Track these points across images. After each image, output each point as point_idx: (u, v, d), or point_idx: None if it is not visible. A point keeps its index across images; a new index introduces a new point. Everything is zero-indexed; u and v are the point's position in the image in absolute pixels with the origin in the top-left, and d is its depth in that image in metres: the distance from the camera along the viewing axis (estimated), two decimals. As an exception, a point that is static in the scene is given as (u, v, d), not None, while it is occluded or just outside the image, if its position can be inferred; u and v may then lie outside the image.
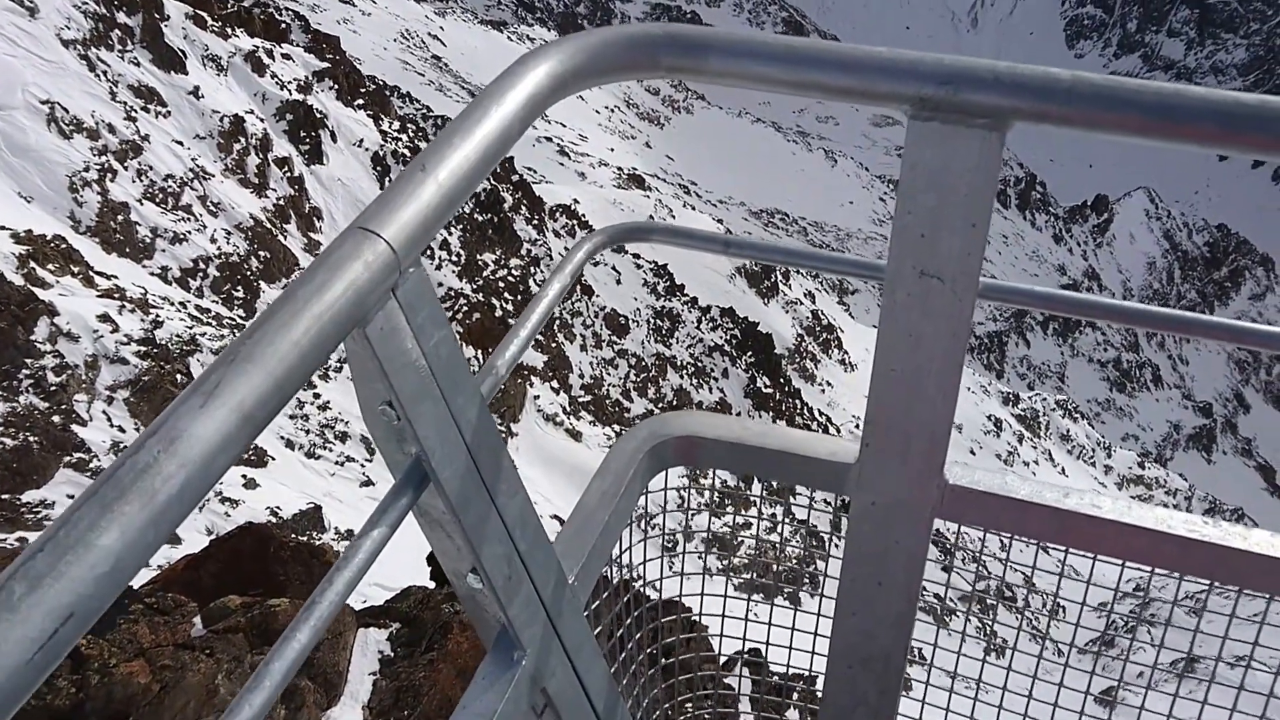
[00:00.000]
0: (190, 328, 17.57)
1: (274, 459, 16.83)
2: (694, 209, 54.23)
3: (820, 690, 2.06)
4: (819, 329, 47.07)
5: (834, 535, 2.12)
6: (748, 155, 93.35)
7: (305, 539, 11.89)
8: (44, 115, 20.72)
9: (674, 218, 47.18)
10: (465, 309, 28.25)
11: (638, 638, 2.15)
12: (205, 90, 25.29)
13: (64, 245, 17.61)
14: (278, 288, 24.53)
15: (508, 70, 1.21)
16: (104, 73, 22.85)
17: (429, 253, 27.48)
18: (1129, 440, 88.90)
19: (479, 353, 26.21)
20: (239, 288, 23.31)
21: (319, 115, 28.42)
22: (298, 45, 31.99)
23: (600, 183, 56.26)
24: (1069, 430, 58.28)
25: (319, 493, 16.49)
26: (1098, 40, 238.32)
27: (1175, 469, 72.72)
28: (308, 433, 18.66)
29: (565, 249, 36.75)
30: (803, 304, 47.12)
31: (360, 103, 31.22)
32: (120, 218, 21.30)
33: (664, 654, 2.30)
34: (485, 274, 30.88)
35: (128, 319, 16.17)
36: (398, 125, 32.32)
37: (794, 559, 2.39)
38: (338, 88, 30.45)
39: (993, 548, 2.40)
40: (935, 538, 1.87)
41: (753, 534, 2.26)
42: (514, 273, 32.11)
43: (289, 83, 28.11)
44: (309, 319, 0.88)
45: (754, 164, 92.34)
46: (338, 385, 19.92)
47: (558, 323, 33.19)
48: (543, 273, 34.12)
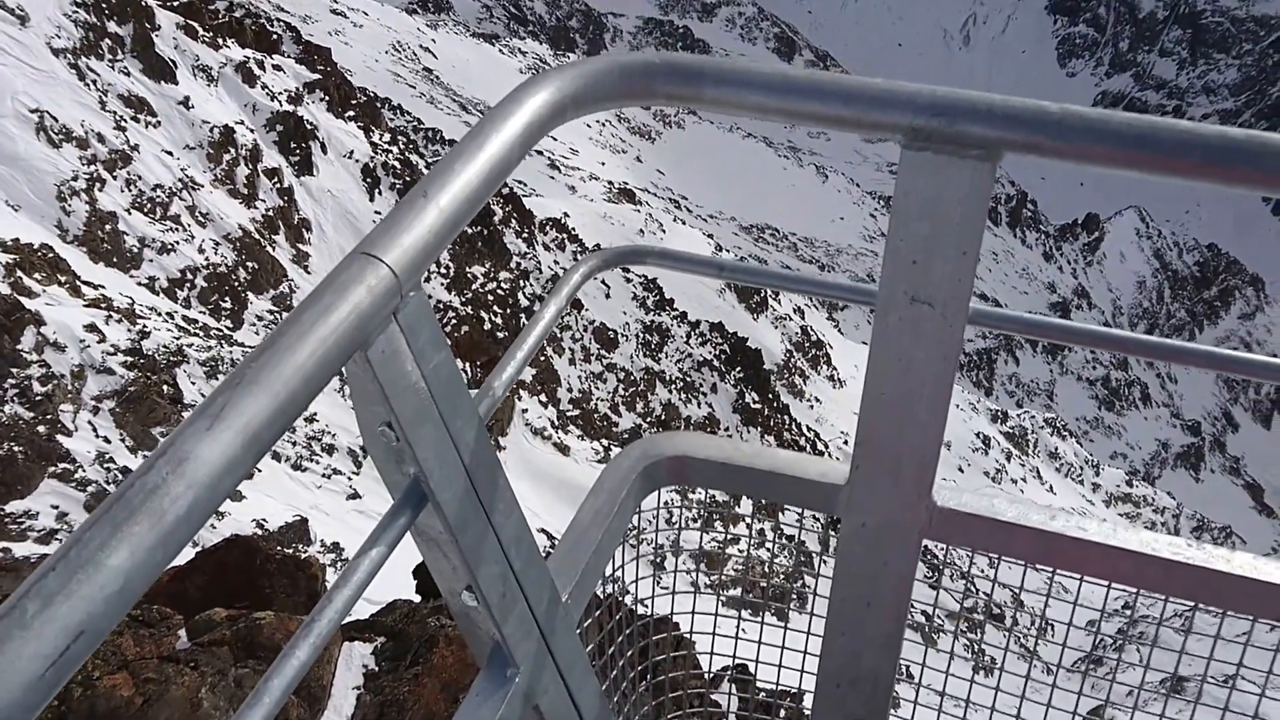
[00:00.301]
0: (177, 338, 17.52)
1: (260, 471, 16.78)
2: (684, 224, 54.32)
3: (809, 709, 2.06)
4: (808, 345, 47.16)
5: (823, 553, 2.14)
6: (739, 170, 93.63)
7: (291, 551, 11.84)
8: (33, 124, 20.67)
9: (664, 232, 47.26)
10: (454, 322, 28.24)
11: (629, 655, 2.16)
12: (195, 100, 25.27)
13: (51, 254, 17.55)
14: (265, 299, 24.49)
15: (508, 97, 1.23)
16: (94, 82, 22.82)
17: (418, 265, 27.55)
18: (1117, 458, 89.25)
19: (467, 365, 26.19)
20: (226, 298, 23.26)
21: (309, 126, 28.41)
22: (289, 56, 32.00)
23: (591, 197, 56.35)
24: (1057, 448, 58.45)
25: (305, 505, 16.43)
26: (1089, 59, 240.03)
27: (1163, 487, 73.00)
28: (294, 445, 18.60)
29: (555, 262, 36.67)
30: (792, 320, 47.21)
31: (351, 114, 31.23)
32: (108, 227, 21.25)
33: (653, 671, 2.31)
34: (474, 287, 30.86)
35: (114, 329, 16.11)
36: (388, 137, 32.33)
37: (783, 574, 2.41)
38: (329, 99, 30.46)
39: (981, 563, 2.41)
40: (923, 554, 1.88)
41: (743, 550, 2.27)
42: (503, 286, 32.10)
43: (280, 94, 28.10)
44: (314, 342, 0.89)
45: (745, 179, 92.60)
46: (324, 398, 19.88)
47: (547, 337, 33.16)
48: (532, 286, 34.13)
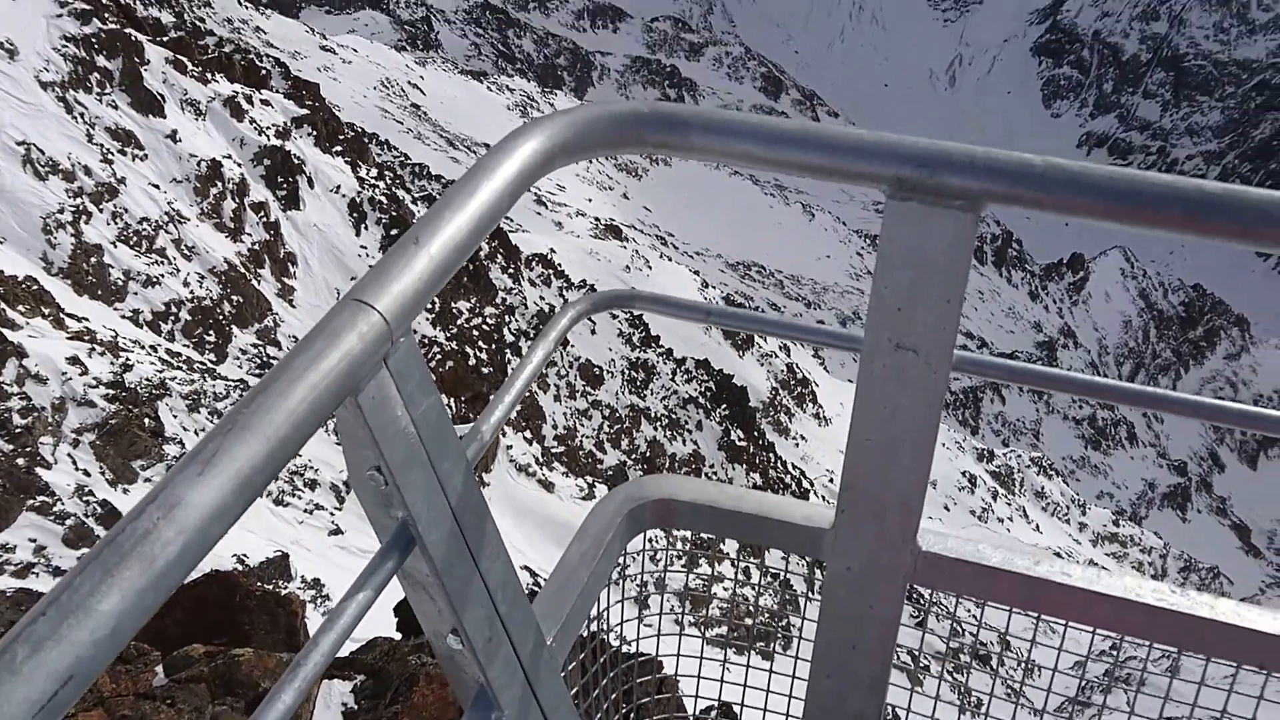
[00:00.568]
0: (160, 371, 17.44)
1: (242, 505, 16.64)
2: (671, 260, 54.51)
3: None
4: (794, 382, 47.23)
5: (809, 594, 2.13)
6: (725, 207, 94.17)
7: (271, 587, 11.73)
8: (19, 157, 20.66)
9: (650, 269, 47.39)
10: (439, 357, 28.20)
11: (613, 697, 2.15)
12: (183, 134, 25.32)
13: (35, 287, 17.48)
14: (250, 332, 24.42)
15: (499, 145, 1.24)
16: (82, 115, 22.85)
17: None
18: (1104, 498, 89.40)
19: (451, 401, 26.13)
20: (210, 331, 23.19)
21: (297, 161, 28.47)
22: (277, 91, 32.11)
23: (577, 233, 56.54)
24: (1044, 487, 58.53)
25: (286, 540, 16.31)
26: (1074, 100, 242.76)
27: (1150, 527, 73.13)
28: (277, 480, 18.48)
29: (541, 298, 36.74)
30: (777, 357, 47.31)
31: (338, 149, 31.32)
32: (93, 260, 21.20)
33: (638, 713, 2.29)
34: (460, 322, 30.86)
35: (97, 362, 16.03)
36: (375, 172, 32.41)
37: (768, 614, 2.40)
38: (316, 134, 30.55)
39: (967, 604, 2.41)
40: (909, 593, 1.88)
41: (728, 590, 2.26)
42: (488, 321, 32.10)
43: (267, 128, 28.18)
44: (305, 388, 0.89)
45: (731, 216, 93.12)
46: (309, 431, 19.76)
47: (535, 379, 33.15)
48: (518, 322, 34.14)
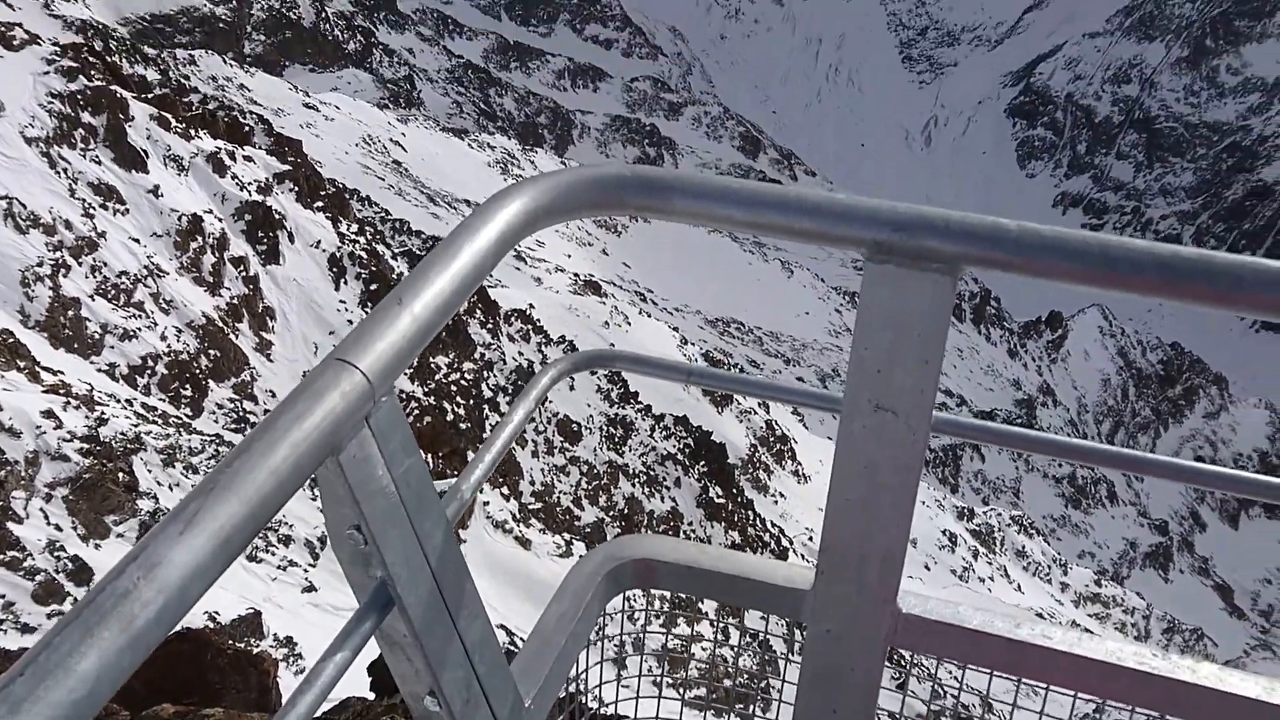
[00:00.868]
0: (135, 425, 17.31)
1: (216, 562, 16.45)
2: (650, 316, 54.68)
3: None
4: (773, 439, 47.22)
5: (788, 655, 2.13)
6: (704, 264, 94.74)
7: (244, 645, 11.57)
8: (0, 210, 20.63)
9: (630, 325, 47.53)
10: (417, 412, 28.10)
11: None
12: (165, 189, 25.36)
13: (11, 339, 17.38)
14: (226, 386, 24.30)
15: (482, 206, 1.26)
16: (65, 170, 22.88)
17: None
18: (1085, 557, 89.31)
19: (429, 457, 25.99)
20: (187, 386, 23.06)
21: (277, 216, 28.53)
22: (260, 148, 32.26)
23: (556, 288, 56.73)
24: (1025, 546, 58.48)
25: (259, 597, 16.10)
26: (1049, 161, 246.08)
27: (1132, 587, 73.03)
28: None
29: (520, 354, 36.65)
30: (756, 414, 47.35)
31: (319, 205, 31.42)
32: (71, 313, 21.11)
33: None
34: (438, 377, 30.80)
35: (72, 415, 15.90)
36: (355, 228, 32.50)
37: (747, 674, 2.38)
38: (298, 190, 30.65)
39: (949, 666, 2.40)
40: (890, 655, 1.88)
41: (707, 650, 2.25)
42: (467, 377, 32.05)
43: (249, 184, 28.26)
44: (287, 447, 0.90)
45: (710, 273, 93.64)
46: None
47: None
48: (496, 377, 34.10)
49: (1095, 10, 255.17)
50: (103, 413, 16.80)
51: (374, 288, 29.71)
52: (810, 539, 40.69)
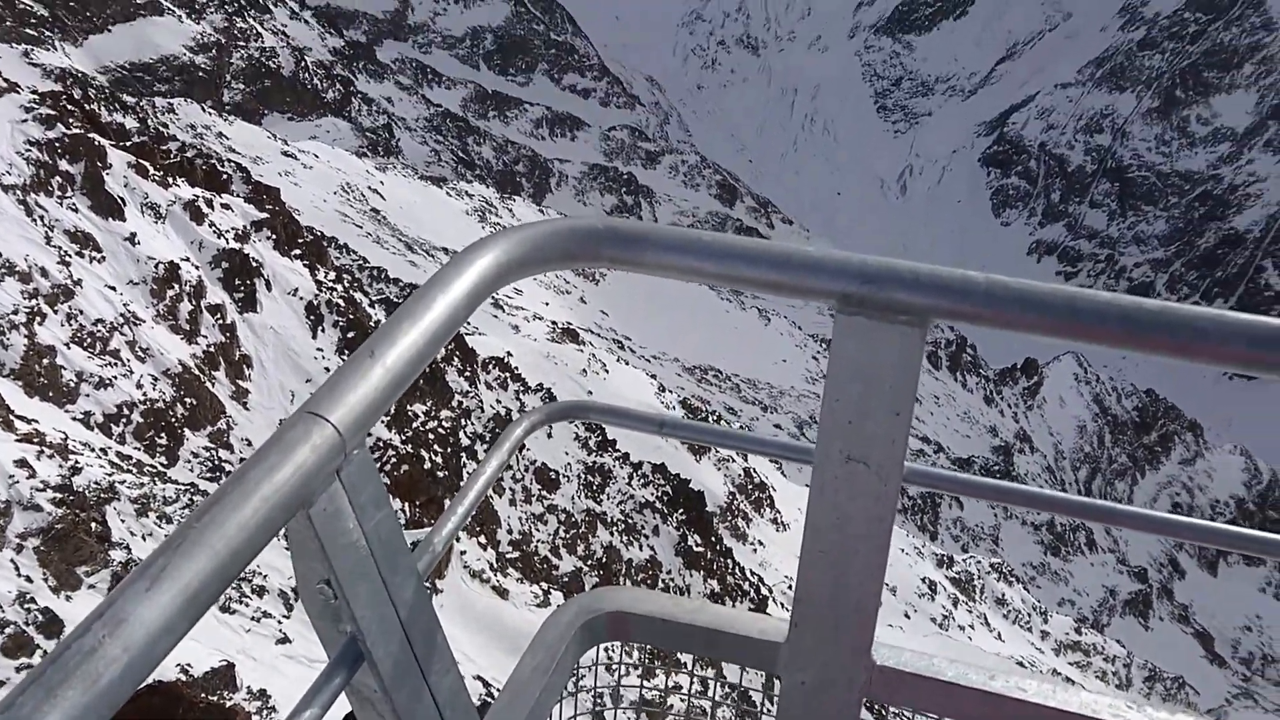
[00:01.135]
0: (109, 474, 17.14)
1: (189, 613, 16.22)
2: (628, 364, 54.67)
3: None
4: (751, 487, 47.14)
5: (764, 708, 2.12)
6: (681, 312, 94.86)
7: (216, 699, 11.40)
8: (-26, 257, 20.54)
9: (607, 372, 47.50)
10: (394, 461, 27.94)
11: None
12: (142, 237, 25.31)
13: (-17, 388, 17.23)
14: (202, 435, 24.11)
15: (455, 259, 1.28)
16: (41, 217, 22.81)
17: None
18: (1065, 605, 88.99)
19: (406, 505, 25.83)
20: (162, 434, 22.87)
21: (255, 264, 28.49)
22: (238, 195, 32.26)
23: (534, 336, 56.68)
24: (1004, 594, 58.28)
25: (233, 650, 15.89)
26: (1023, 209, 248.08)
27: (1113, 635, 72.80)
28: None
29: (498, 401, 36.47)
30: (735, 461, 47.28)
31: (297, 253, 31.39)
32: (46, 361, 20.95)
33: None
34: (415, 425, 30.65)
35: (45, 465, 15.75)
36: (333, 275, 32.47)
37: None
38: (275, 238, 30.64)
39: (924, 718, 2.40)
40: (866, 708, 1.88)
41: (684, 702, 2.24)
42: (444, 425, 31.91)
43: (227, 231, 28.24)
44: (257, 501, 0.89)
45: (688, 321, 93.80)
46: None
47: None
48: (474, 425, 33.97)
49: (1066, 61, 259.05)
50: (76, 462, 16.65)
51: (351, 335, 29.65)
52: (789, 588, 40.50)
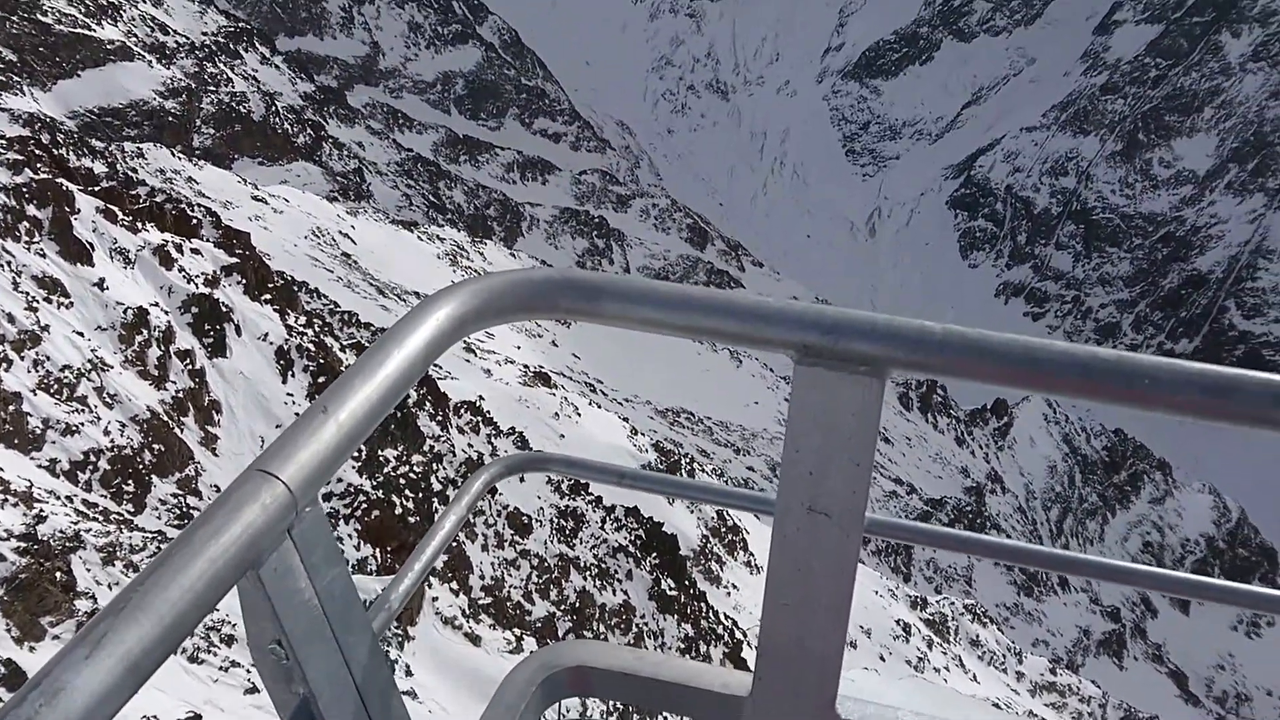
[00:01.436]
0: (75, 523, 16.89)
1: (155, 664, 15.95)
2: (600, 407, 54.66)
3: None
4: (724, 530, 47.03)
5: None
6: (653, 355, 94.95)
7: (183, 752, 11.19)
8: (-62, 303, 20.33)
9: (580, 415, 47.39)
10: (365, 506, 27.70)
11: None
12: (111, 282, 25.14)
13: (-53, 436, 16.99)
14: (170, 482, 23.84)
15: (411, 312, 1.26)
16: (8, 263, 22.63)
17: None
18: (1040, 645, 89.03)
19: (377, 551, 25.59)
20: (129, 481, 22.60)
21: (225, 309, 28.35)
22: (208, 240, 32.14)
23: (506, 380, 56.54)
24: (979, 635, 58.24)
25: (199, 700, 15.62)
26: (990, 251, 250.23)
27: (1087, 675, 72.78)
28: (192, 635, 17.81)
29: (469, 445, 36.30)
30: (708, 504, 47.18)
31: (268, 297, 31.26)
32: (11, 408, 20.69)
33: None
34: (386, 470, 30.43)
35: (9, 513, 15.51)
36: (304, 320, 32.35)
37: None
38: (245, 282, 30.52)
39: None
40: None
41: None
42: (416, 470, 31.70)
43: (196, 276, 28.11)
44: (204, 563, 0.87)
45: (660, 363, 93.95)
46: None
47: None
48: (445, 470, 33.75)
49: (1031, 106, 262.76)
50: (41, 510, 16.41)
51: (322, 380, 29.49)
52: (763, 630, 40.25)
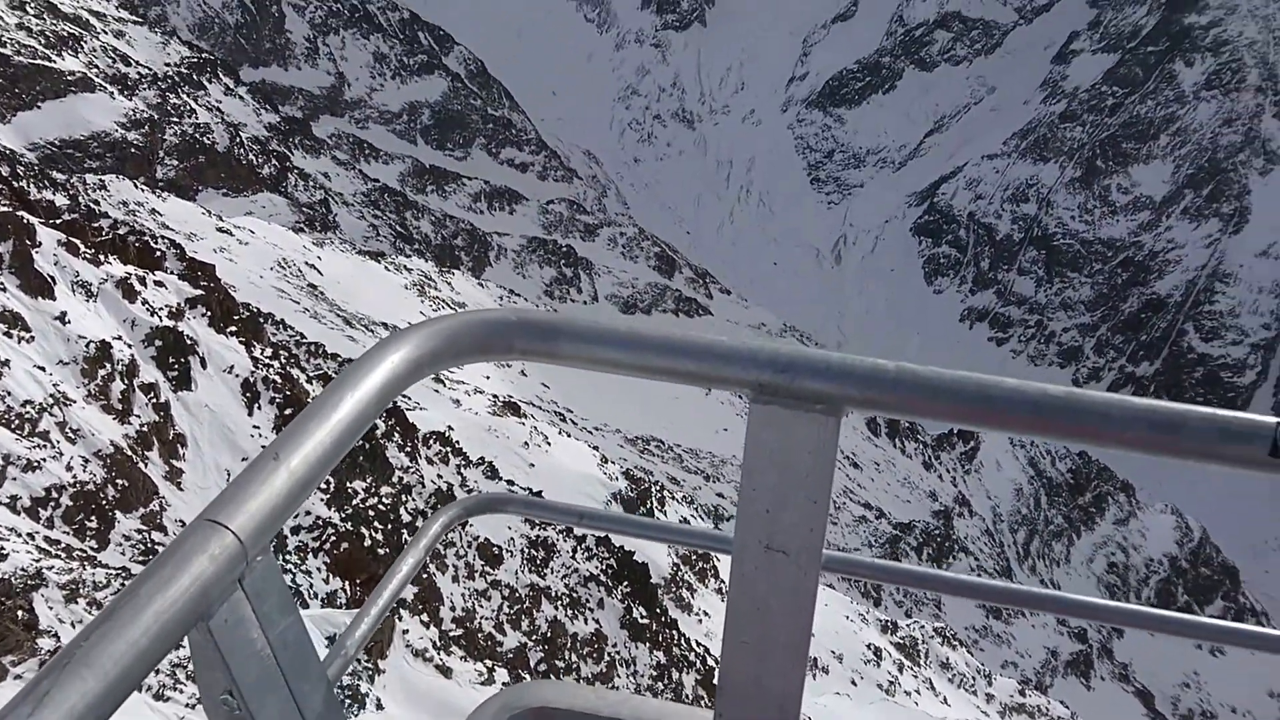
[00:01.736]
0: (37, 560, 16.63)
1: (119, 702, 15.67)
2: (570, 436, 54.53)
3: None
4: (695, 557, 46.92)
5: None
6: (622, 383, 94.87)
7: (149, 792, 10.99)
8: (-104, 339, 20.04)
9: (550, 445, 47.25)
10: (334, 539, 27.46)
11: None
12: (73, 316, 24.88)
13: (-95, 473, 16.72)
14: (134, 517, 23.54)
15: (364, 356, 1.25)
16: (-34, 296, 22.36)
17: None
18: (1009, 667, 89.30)
19: (346, 584, 25.35)
20: (93, 517, 22.29)
21: (189, 341, 28.11)
22: (172, 272, 31.91)
23: (475, 410, 56.33)
24: (949, 658, 58.34)
25: (167, 739, 15.37)
26: (954, 277, 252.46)
27: (1056, 696, 72.96)
28: (157, 671, 17.55)
29: (439, 476, 36.08)
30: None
31: (233, 329, 31.05)
32: (-30, 444, 20.40)
33: None
34: (355, 502, 30.20)
35: (-31, 552, 15.25)
36: (270, 351, 32.13)
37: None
38: (210, 314, 30.30)
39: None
40: None
41: None
42: (385, 501, 31.48)
43: (160, 309, 27.87)
44: (150, 617, 0.86)
45: (628, 391, 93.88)
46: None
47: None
48: (415, 501, 33.52)
49: (992, 134, 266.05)
50: (2, 548, 16.15)
51: (289, 412, 29.27)
52: (735, 658, 40.15)
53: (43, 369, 23.82)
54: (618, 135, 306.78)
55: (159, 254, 33.53)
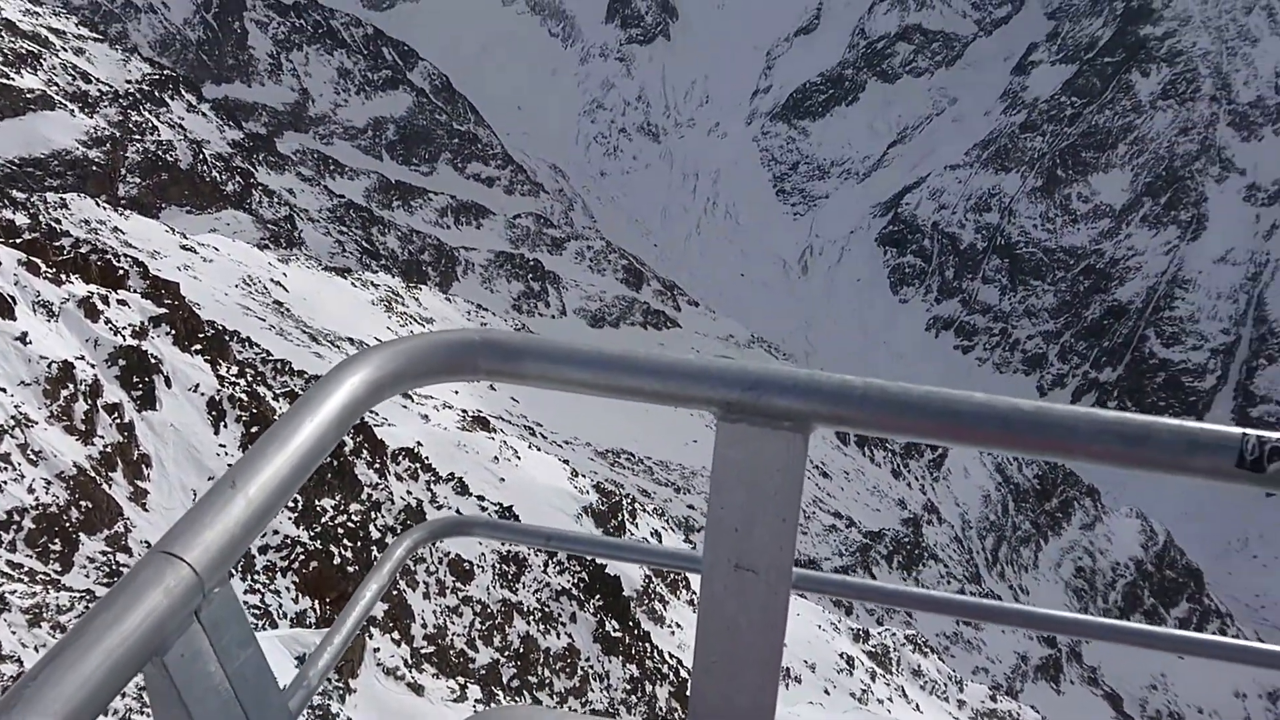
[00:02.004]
0: None
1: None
2: (540, 449, 54.36)
3: None
4: (667, 569, 46.88)
5: None
6: (591, 396, 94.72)
7: (117, 818, 10.83)
8: None
9: (520, 459, 47.08)
10: (302, 557, 27.23)
11: None
12: (34, 336, 24.57)
13: None
14: (99, 539, 23.24)
15: (325, 378, 1.22)
16: (-76, 318, 22.03)
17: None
18: (980, 673, 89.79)
19: (316, 603, 25.13)
20: (56, 540, 21.98)
21: (154, 360, 27.83)
22: (135, 291, 31.58)
23: (444, 425, 56.08)
24: (920, 665, 58.56)
25: (135, 763, 15.15)
26: (920, 286, 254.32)
27: (1026, 700, 73.39)
28: (123, 695, 17.31)
29: (408, 492, 35.88)
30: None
31: (198, 347, 30.77)
32: (-71, 468, 20.08)
33: None
34: (324, 520, 29.96)
35: (-71, 577, 15.01)
36: (236, 370, 31.87)
37: None
38: (175, 333, 30.01)
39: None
40: None
41: None
42: (354, 519, 31.25)
43: (124, 328, 27.59)
44: (100, 654, 0.83)
45: (598, 404, 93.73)
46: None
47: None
48: (384, 518, 33.31)
49: (954, 145, 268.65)
50: (-37, 572, 15.90)
51: (255, 430, 29.00)
52: (708, 670, 40.10)
53: (3, 390, 23.49)
54: (584, 149, 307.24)
55: (122, 272, 33.19)
